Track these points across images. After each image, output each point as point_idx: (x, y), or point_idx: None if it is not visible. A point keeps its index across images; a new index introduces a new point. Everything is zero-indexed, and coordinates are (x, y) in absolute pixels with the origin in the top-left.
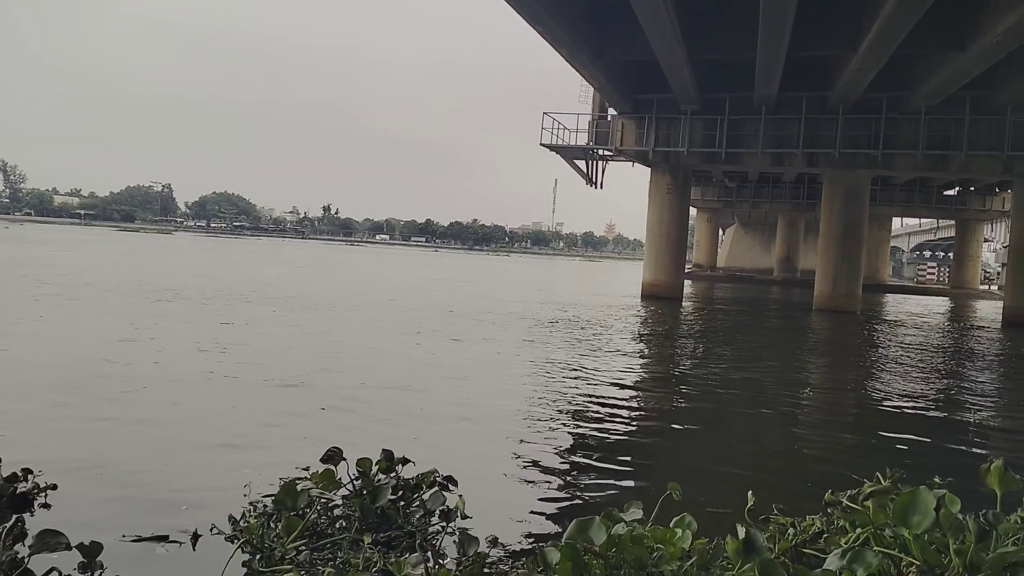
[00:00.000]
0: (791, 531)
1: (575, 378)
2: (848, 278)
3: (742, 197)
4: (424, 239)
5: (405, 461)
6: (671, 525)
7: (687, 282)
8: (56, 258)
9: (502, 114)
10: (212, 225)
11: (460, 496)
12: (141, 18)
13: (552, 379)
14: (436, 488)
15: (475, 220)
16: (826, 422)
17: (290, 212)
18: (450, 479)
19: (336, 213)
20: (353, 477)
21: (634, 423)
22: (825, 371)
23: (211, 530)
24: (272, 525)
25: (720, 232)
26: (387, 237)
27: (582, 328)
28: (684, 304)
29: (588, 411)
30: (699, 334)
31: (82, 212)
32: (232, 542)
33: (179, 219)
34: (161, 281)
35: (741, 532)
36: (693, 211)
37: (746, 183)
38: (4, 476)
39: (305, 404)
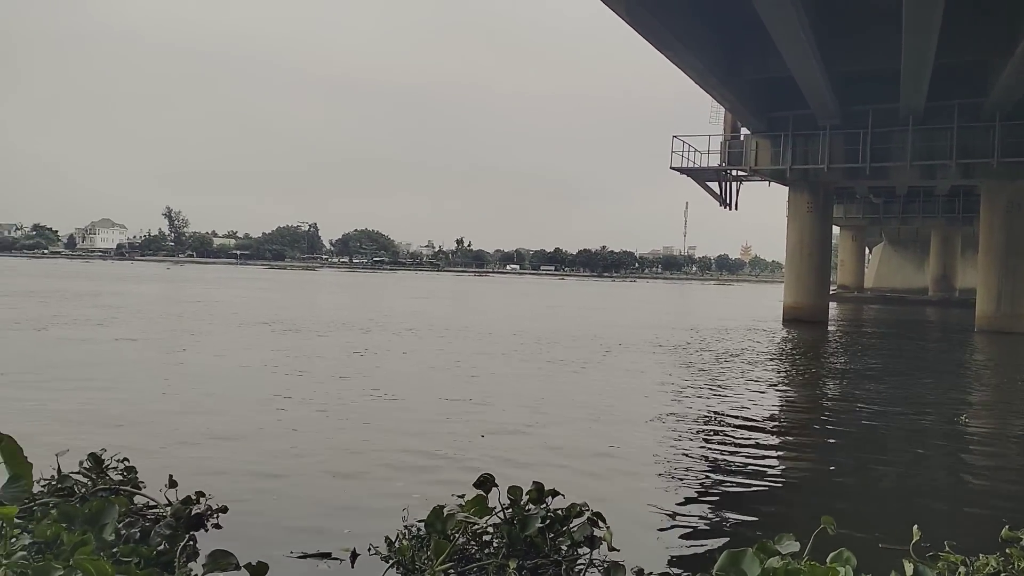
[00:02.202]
0: (962, 569)
1: (717, 405)
2: (1013, 296)
3: (890, 213)
4: (553, 268)
5: (555, 493)
6: (828, 561)
7: (832, 304)
8: (217, 296)
9: (629, 140)
10: (354, 261)
11: (607, 527)
12: (299, 71)
13: (692, 407)
14: (584, 520)
15: (603, 247)
16: (995, 453)
17: (426, 246)
18: (599, 515)
19: (469, 245)
20: (504, 505)
21: (781, 452)
22: (991, 396)
23: (369, 550)
24: (423, 548)
25: (866, 251)
26: (517, 267)
27: (721, 354)
28: (830, 327)
29: (732, 440)
30: (848, 359)
31: (238, 252)
32: (387, 562)
33: (324, 256)
34: (318, 315)
35: (908, 569)
36: (836, 229)
37: (893, 198)
38: (181, 499)
39: (465, 431)
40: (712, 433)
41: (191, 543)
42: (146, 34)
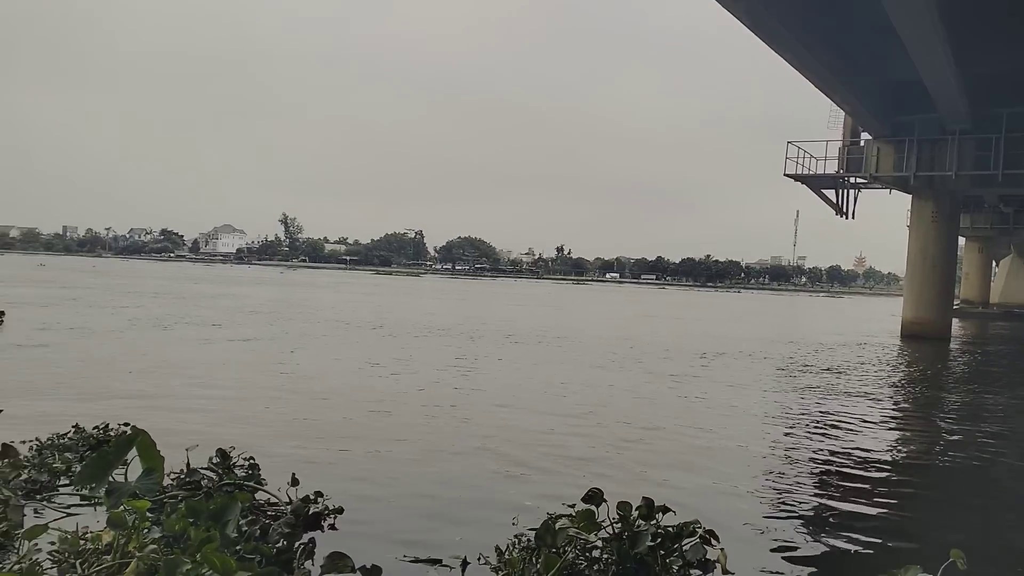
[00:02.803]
0: None
1: (831, 425)
2: None
3: (1020, 224)
4: (654, 276)
5: (665, 509)
6: None
7: (955, 320)
8: (327, 300)
9: (738, 147)
10: (456, 267)
11: (722, 549)
12: (407, 80)
13: (804, 427)
14: (696, 539)
15: (708, 256)
16: None
17: (526, 253)
18: (712, 533)
19: (568, 253)
20: (613, 520)
21: (900, 479)
22: None
23: (479, 559)
24: (533, 560)
25: (993, 264)
26: (616, 275)
27: (833, 372)
28: (952, 345)
29: (849, 462)
30: (975, 381)
31: (347, 258)
32: (496, 573)
33: (428, 262)
34: (422, 320)
35: None
36: (960, 240)
37: None
38: (300, 498)
39: (572, 440)
40: (824, 453)
41: (310, 543)
42: (262, 45)
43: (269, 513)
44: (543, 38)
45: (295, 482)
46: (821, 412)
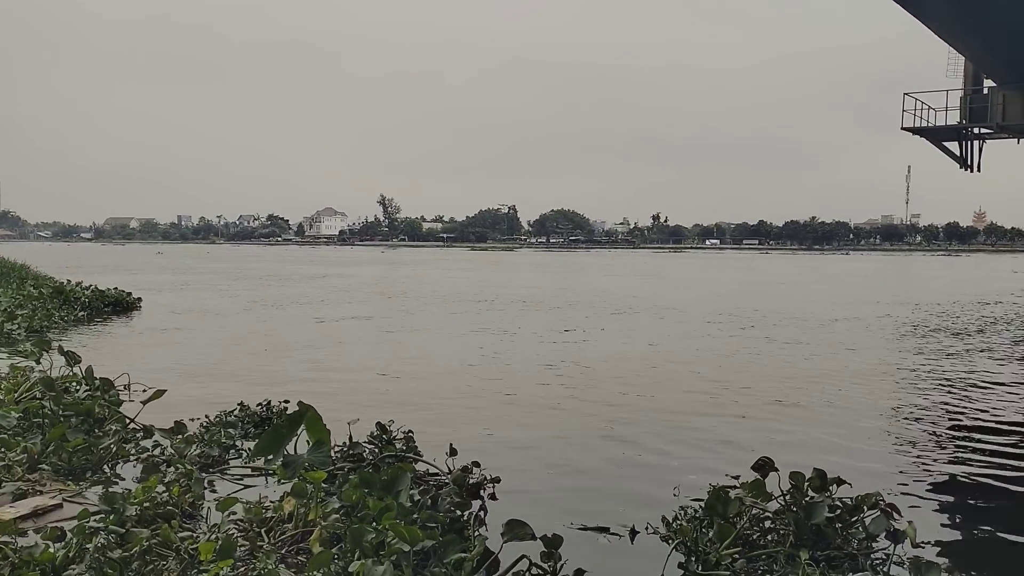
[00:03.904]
0: None
1: (992, 396)
2: None
3: None
4: (757, 241)
5: (840, 482)
6: None
7: None
8: (427, 277)
9: (841, 102)
10: (551, 240)
11: (910, 522)
12: (496, 54)
13: (932, 398)
14: (878, 512)
15: (813, 218)
16: None
17: (621, 223)
18: (893, 507)
19: (665, 221)
20: (784, 491)
21: None
22: None
23: (646, 528)
24: (704, 530)
25: None
26: (717, 242)
27: (965, 334)
28: None
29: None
30: None
31: (444, 235)
32: (666, 542)
33: (522, 237)
34: (523, 293)
35: None
36: None
37: None
38: (459, 468)
39: (724, 410)
40: (966, 428)
41: (480, 511)
42: (359, 31)
43: (431, 483)
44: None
45: (453, 452)
46: (975, 380)
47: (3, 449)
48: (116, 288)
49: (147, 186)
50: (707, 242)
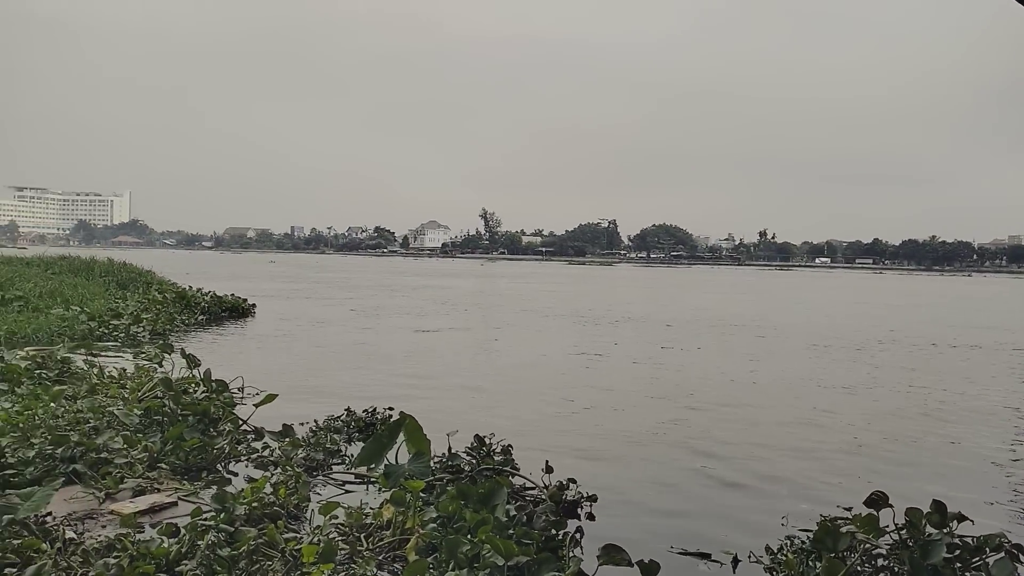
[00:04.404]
0: None
1: None
2: None
3: None
4: (871, 260)
5: (961, 518)
6: None
7: None
8: (522, 290)
9: (965, 115)
10: (651, 256)
11: None
12: (596, 70)
13: None
14: (1003, 554)
15: (933, 237)
16: None
17: (725, 239)
18: (1020, 548)
19: (773, 238)
20: (899, 526)
21: None
22: None
23: (748, 557)
24: (811, 564)
25: None
26: (827, 260)
27: None
28: None
29: None
30: None
31: (543, 249)
32: (770, 573)
33: (622, 251)
34: (622, 308)
35: None
36: None
37: None
38: (555, 484)
39: (833, 437)
40: None
41: (576, 532)
42: (459, 46)
43: (527, 497)
44: (739, 13)
45: (549, 469)
46: None
47: (126, 446)
48: (233, 295)
49: (264, 198)
50: (817, 260)
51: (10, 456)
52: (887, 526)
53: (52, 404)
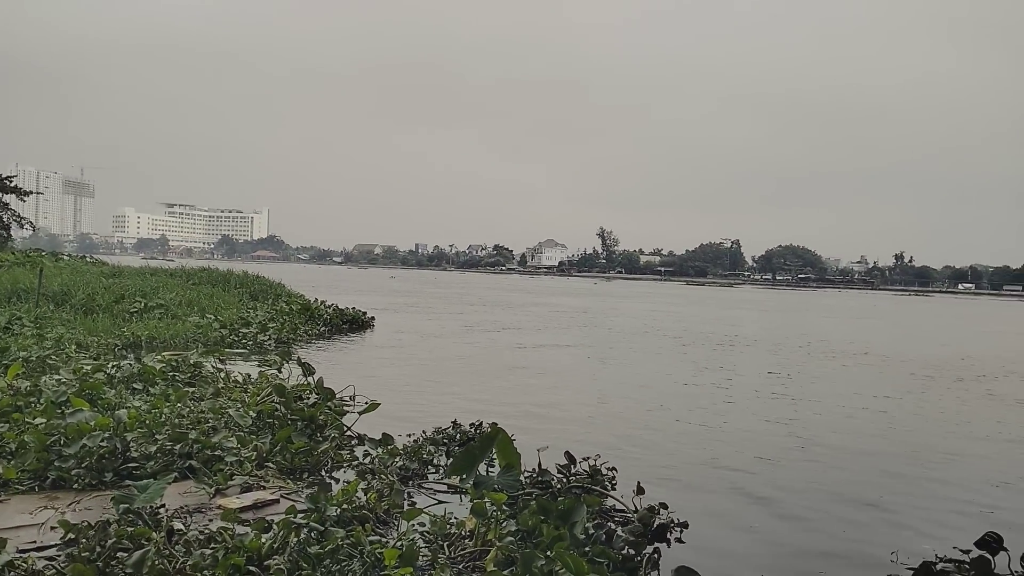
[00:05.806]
0: None
1: None
2: None
3: None
4: (1021, 287)
5: None
6: None
7: None
8: (634, 309)
9: None
10: (777, 278)
11: None
12: (720, 87)
13: None
14: None
15: None
16: None
17: (857, 262)
18: None
19: (910, 261)
20: (1015, 571)
21: None
22: None
23: None
24: None
25: None
26: (971, 286)
27: None
28: None
29: None
30: None
31: (662, 269)
32: None
33: (745, 272)
34: (732, 330)
35: None
36: None
37: None
38: (646, 507)
39: (960, 477)
40: None
41: (655, 554)
42: (582, 67)
43: (617, 519)
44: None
45: (640, 491)
46: None
47: (239, 445)
48: (354, 308)
49: (391, 215)
50: (959, 286)
51: (134, 450)
52: (1001, 572)
53: (178, 404)
